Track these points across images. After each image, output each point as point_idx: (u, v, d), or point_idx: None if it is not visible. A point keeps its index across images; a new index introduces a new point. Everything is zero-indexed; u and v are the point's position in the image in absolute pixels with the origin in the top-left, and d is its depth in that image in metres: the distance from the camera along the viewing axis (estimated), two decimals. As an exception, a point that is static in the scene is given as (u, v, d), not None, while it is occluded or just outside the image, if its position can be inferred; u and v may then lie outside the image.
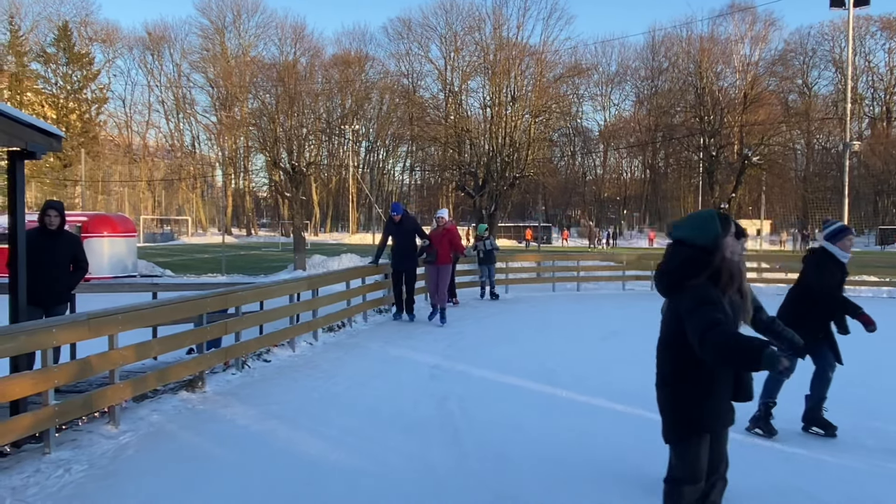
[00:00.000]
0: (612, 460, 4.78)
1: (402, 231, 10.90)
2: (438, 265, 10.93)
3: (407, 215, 11.14)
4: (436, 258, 10.88)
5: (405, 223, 10.95)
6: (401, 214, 10.92)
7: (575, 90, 62.14)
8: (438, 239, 11.03)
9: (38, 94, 58.55)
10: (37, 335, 4.55)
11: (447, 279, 11.11)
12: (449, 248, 11.06)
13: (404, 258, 10.92)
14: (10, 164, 5.19)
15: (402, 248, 10.91)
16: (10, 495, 4.00)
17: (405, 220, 10.98)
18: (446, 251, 10.99)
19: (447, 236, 11.09)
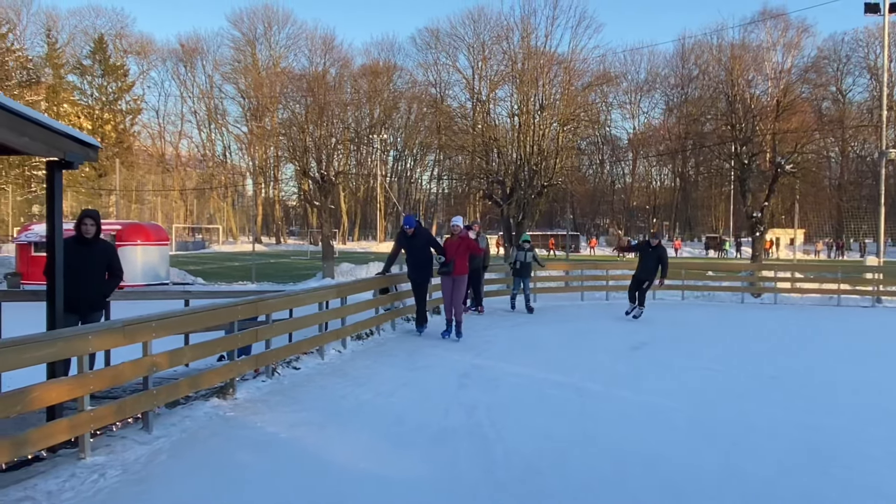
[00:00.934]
0: (644, 471, 4.72)
1: (415, 244, 10.42)
2: (454, 276, 10.33)
3: (420, 228, 10.62)
4: (452, 269, 10.27)
5: (418, 237, 10.45)
6: (414, 227, 10.40)
7: (604, 98, 62.02)
8: (454, 248, 10.39)
9: (75, 105, 59.95)
10: (73, 342, 4.64)
11: (462, 291, 10.55)
12: (466, 257, 10.51)
13: (419, 269, 10.52)
14: (49, 173, 5.32)
15: (416, 260, 10.49)
16: (45, 499, 4.07)
17: (418, 234, 10.47)
18: (463, 261, 10.40)
19: (463, 245, 10.45)
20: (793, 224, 54.91)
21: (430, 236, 10.74)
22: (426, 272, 10.57)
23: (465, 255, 10.44)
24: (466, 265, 10.50)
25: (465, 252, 10.43)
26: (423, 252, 10.37)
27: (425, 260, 10.41)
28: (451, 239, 10.55)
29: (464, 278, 10.52)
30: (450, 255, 10.28)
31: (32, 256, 23.22)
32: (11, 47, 53.58)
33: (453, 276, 10.28)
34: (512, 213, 24.36)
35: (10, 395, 4.22)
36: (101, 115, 61.00)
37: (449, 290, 10.33)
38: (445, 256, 10.27)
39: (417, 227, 10.52)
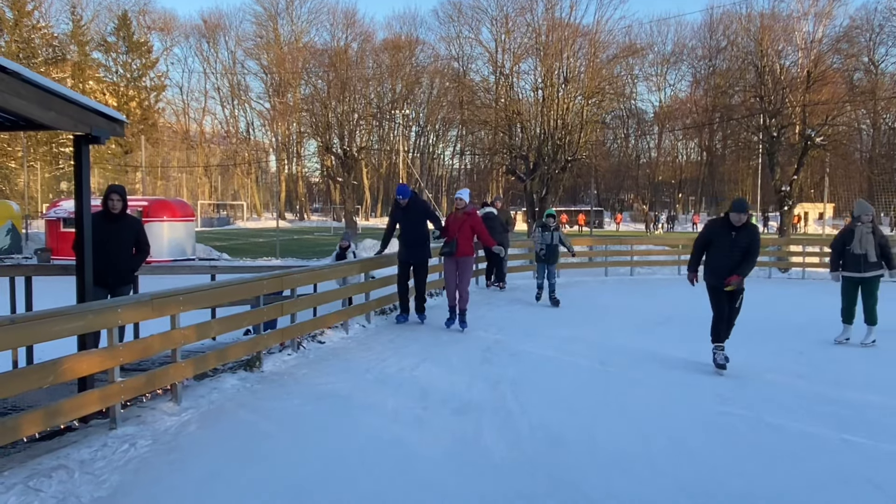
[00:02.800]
0: (670, 446, 4.69)
1: (410, 216, 9.13)
2: (458, 258, 8.97)
3: (416, 198, 9.32)
4: (455, 249, 8.92)
5: (413, 207, 9.16)
6: (408, 198, 9.12)
7: (629, 71, 60.90)
8: (457, 225, 8.97)
9: (100, 82, 60.38)
10: (103, 314, 4.70)
11: (468, 275, 9.10)
12: (471, 236, 9.05)
13: (413, 247, 9.13)
14: (76, 148, 5.36)
15: (410, 237, 9.12)
16: (78, 468, 4.16)
17: (413, 204, 9.18)
18: (468, 241, 9.01)
19: (469, 222, 9.00)
20: (822, 198, 54.01)
21: (427, 208, 9.39)
22: (422, 252, 9.21)
23: (470, 234, 9.02)
24: (471, 245, 9.11)
25: (470, 231, 9.01)
26: (418, 228, 9.11)
27: (421, 237, 9.12)
28: (455, 215, 9.15)
29: (469, 260, 9.11)
30: (451, 233, 8.93)
31: (61, 232, 23.60)
32: (37, 25, 53.95)
33: (456, 257, 8.97)
34: (535, 189, 24.23)
35: (43, 367, 4.30)
36: (126, 92, 61.37)
37: (452, 273, 9.02)
38: (443, 232, 9.09)
39: (413, 198, 9.22)
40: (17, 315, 5.72)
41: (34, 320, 4.26)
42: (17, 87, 4.47)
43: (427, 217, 9.22)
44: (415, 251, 9.11)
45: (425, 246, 9.19)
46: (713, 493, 3.94)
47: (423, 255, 9.22)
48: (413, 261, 9.19)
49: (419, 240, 9.08)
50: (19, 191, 45.78)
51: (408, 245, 9.13)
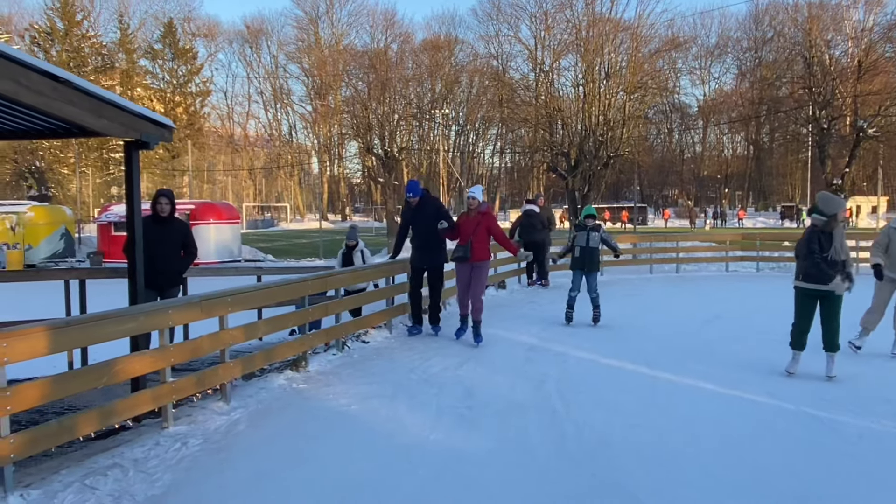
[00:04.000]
0: (720, 446, 4.60)
1: (421, 217, 8.27)
2: (473, 262, 8.02)
3: (428, 196, 8.46)
4: (469, 253, 7.96)
5: (425, 207, 8.29)
6: (419, 196, 8.29)
7: (672, 65, 59.96)
8: (471, 227, 8.01)
9: (147, 89, 61.86)
10: (155, 316, 4.82)
11: (483, 282, 8.22)
12: (487, 239, 8.15)
13: (426, 251, 8.31)
14: (126, 154, 5.50)
15: (423, 239, 8.30)
16: (132, 466, 4.27)
17: (425, 203, 8.31)
18: (483, 244, 8.10)
19: (484, 223, 8.06)
20: (875, 191, 52.29)
21: (439, 207, 8.47)
22: (437, 256, 8.37)
23: (486, 236, 8.11)
24: (488, 250, 8.29)
25: (485, 233, 8.09)
26: (432, 229, 8.14)
27: (435, 240, 8.23)
28: (467, 215, 8.17)
29: (485, 266, 8.21)
30: (465, 236, 8.02)
31: (113, 236, 24.29)
32: (87, 34, 55.53)
33: (471, 262, 8.04)
34: (577, 186, 23.98)
35: (98, 367, 4.43)
36: (173, 97, 62.77)
37: (465, 280, 8.12)
38: (453, 233, 8.13)
39: (424, 196, 8.37)
40: (72, 317, 5.90)
41: (89, 322, 4.39)
42: (70, 95, 4.60)
43: (438, 217, 8.22)
44: (428, 255, 8.30)
45: (440, 249, 8.35)
46: (766, 494, 3.85)
47: (438, 260, 8.40)
48: (427, 266, 8.37)
49: (433, 242, 8.24)
50: (72, 196, 47.26)
51: (420, 248, 8.33)
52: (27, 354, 3.89)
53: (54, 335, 4.02)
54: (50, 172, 50.08)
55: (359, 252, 10.17)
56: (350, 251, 10.20)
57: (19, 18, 60.93)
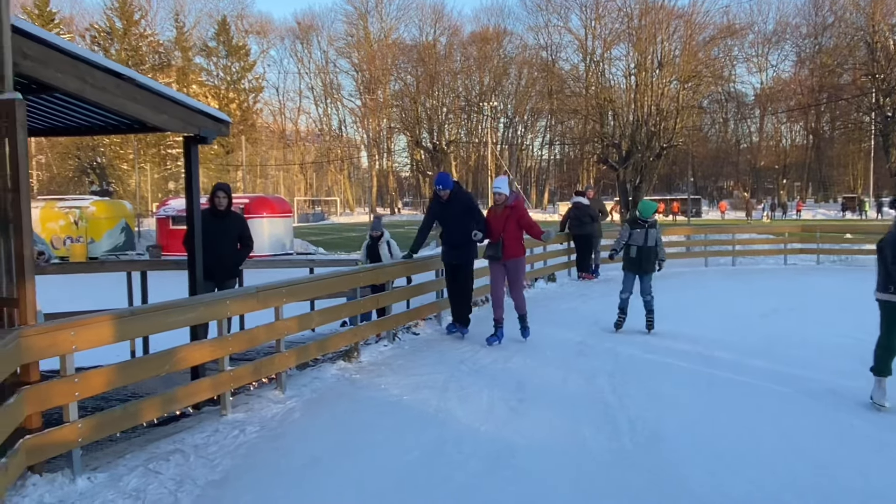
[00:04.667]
0: (781, 443, 4.49)
1: (451, 213, 7.68)
2: (505, 261, 7.55)
3: (459, 191, 7.80)
4: (500, 252, 7.47)
5: (455, 202, 7.64)
6: (450, 189, 7.63)
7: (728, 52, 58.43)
8: (500, 223, 7.50)
9: (202, 86, 63.34)
10: (214, 306, 4.95)
11: (521, 278, 7.78)
12: (519, 234, 7.60)
13: (455, 248, 7.75)
14: (185, 148, 5.65)
15: (450, 236, 7.78)
16: (193, 452, 4.40)
17: (455, 198, 7.65)
18: (515, 240, 7.55)
19: (513, 217, 7.52)
20: (944, 181, 50.03)
21: (470, 202, 7.86)
22: (466, 253, 7.77)
23: (517, 231, 7.56)
24: (522, 245, 7.72)
25: (516, 227, 7.53)
26: (461, 224, 7.56)
27: (467, 236, 7.56)
28: (495, 210, 7.68)
29: (519, 262, 7.71)
30: (495, 233, 7.53)
31: (170, 229, 24.98)
32: (144, 33, 57.16)
33: (503, 260, 7.56)
34: (629, 178, 23.67)
35: (160, 356, 4.57)
36: (227, 94, 64.13)
37: (500, 280, 7.68)
38: (485, 233, 7.57)
39: (455, 190, 7.73)
40: (136, 307, 6.10)
41: (152, 312, 4.53)
42: (132, 92, 4.75)
43: (470, 214, 7.63)
44: (457, 252, 7.75)
45: (468, 247, 7.71)
46: (829, 492, 3.74)
47: (466, 256, 7.78)
48: (454, 262, 7.83)
49: (462, 240, 7.59)
50: (131, 191, 48.77)
51: (449, 244, 7.84)
52: (94, 342, 4.04)
53: (119, 324, 4.16)
54: (110, 168, 51.83)
55: (384, 243, 9.68)
56: (375, 242, 9.77)
57: (80, 18, 63.15)
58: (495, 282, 7.72)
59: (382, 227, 9.93)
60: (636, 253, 8.09)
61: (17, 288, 3.80)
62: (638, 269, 8.13)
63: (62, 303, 6.41)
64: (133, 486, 3.88)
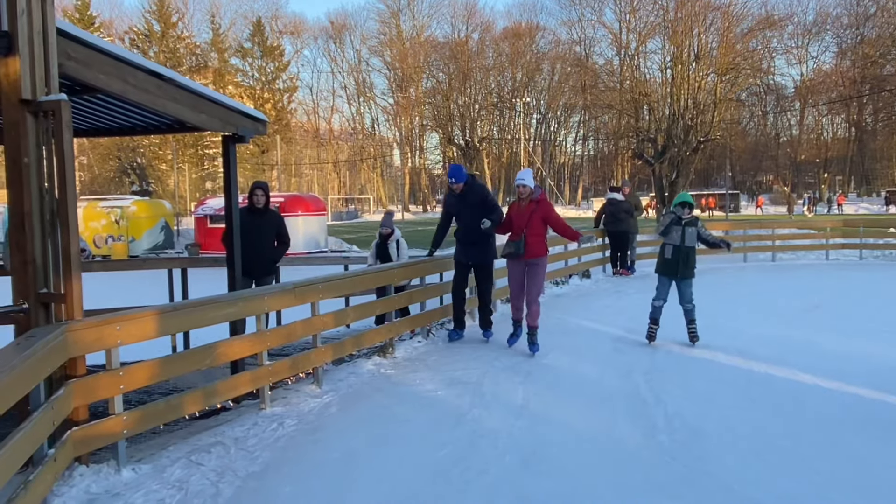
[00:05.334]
0: (821, 439, 4.41)
1: (466, 206, 7.21)
2: (527, 259, 6.95)
3: (474, 183, 7.35)
4: (522, 249, 6.87)
5: (470, 195, 7.21)
6: (463, 182, 7.20)
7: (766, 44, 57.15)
8: (524, 219, 6.91)
9: (238, 86, 64.27)
10: (252, 302, 5.04)
11: (541, 281, 7.03)
12: (543, 231, 7.03)
13: (471, 246, 7.27)
14: (224, 147, 5.75)
15: (467, 233, 7.24)
16: (233, 444, 4.49)
17: (470, 191, 7.22)
18: (539, 238, 6.94)
19: (539, 213, 6.91)
20: None
21: (485, 196, 7.34)
22: (484, 251, 7.33)
23: (542, 228, 6.98)
24: (545, 244, 7.08)
25: (541, 224, 6.95)
26: (476, 218, 7.05)
27: (483, 233, 7.08)
28: (518, 204, 7.06)
29: (541, 263, 7.03)
30: (517, 229, 6.97)
31: (209, 228, 25.41)
32: (181, 35, 58.27)
33: (524, 259, 6.95)
34: (665, 173, 23.36)
35: (202, 350, 4.67)
36: (262, 94, 64.97)
37: (518, 280, 7.08)
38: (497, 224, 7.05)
39: (469, 183, 7.27)
40: (178, 302, 6.23)
41: (193, 307, 4.63)
42: (173, 92, 4.86)
43: (485, 207, 7.16)
44: (474, 250, 7.28)
45: (489, 243, 7.31)
46: (873, 489, 3.66)
47: (487, 256, 7.36)
48: (473, 262, 7.40)
49: (479, 236, 7.12)
50: (170, 191, 49.73)
51: (465, 243, 7.31)
52: (138, 336, 4.14)
53: (162, 319, 4.26)
54: (150, 168, 52.90)
55: (394, 242, 8.86)
56: (385, 241, 8.90)
57: (119, 21, 64.53)
58: (514, 281, 7.13)
59: (393, 225, 9.09)
60: (672, 254, 7.05)
61: (63, 283, 3.92)
62: (674, 273, 7.09)
63: (105, 299, 6.57)
64: (176, 476, 3.97)
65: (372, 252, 9.15)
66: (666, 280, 7.20)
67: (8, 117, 3.83)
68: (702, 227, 7.18)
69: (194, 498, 3.70)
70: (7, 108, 3.81)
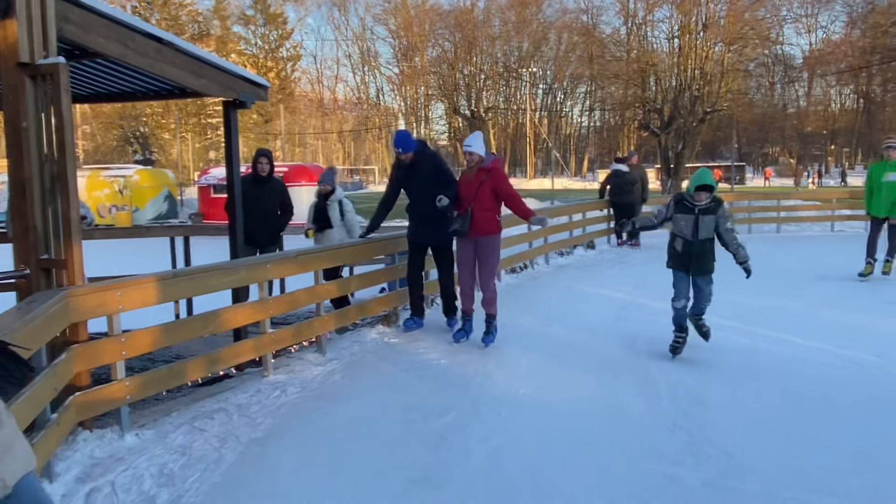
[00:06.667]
0: (824, 409, 4.41)
1: (416, 179, 6.18)
2: (476, 238, 5.98)
3: (425, 151, 6.29)
4: (467, 225, 5.90)
5: (421, 165, 6.14)
6: (412, 151, 6.13)
7: (775, 13, 56.27)
8: (471, 190, 5.94)
9: (241, 55, 63.68)
10: (254, 269, 5.02)
11: (492, 263, 6.07)
12: (493, 204, 5.97)
13: (427, 224, 6.25)
14: (225, 113, 5.70)
15: (420, 209, 6.22)
16: (236, 411, 4.51)
17: (421, 160, 6.16)
18: (488, 212, 5.94)
19: (488, 183, 5.91)
20: None
21: (439, 166, 6.31)
22: (440, 229, 6.14)
23: (492, 201, 5.96)
24: (496, 220, 6.03)
25: (491, 196, 5.93)
26: (431, 193, 5.96)
27: (435, 208, 5.94)
28: (467, 175, 6.09)
29: (492, 242, 6.05)
30: (464, 201, 5.97)
31: (212, 198, 25.39)
32: (183, 2, 57.59)
33: (472, 237, 5.99)
34: (670, 144, 23.14)
35: (204, 317, 4.67)
36: (265, 63, 64.42)
37: (467, 262, 6.12)
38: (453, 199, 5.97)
39: (420, 151, 6.22)
40: (180, 269, 6.22)
41: (195, 274, 4.62)
42: (172, 57, 4.79)
43: (439, 178, 6.14)
44: (430, 229, 6.25)
45: (445, 221, 6.06)
46: (884, 459, 3.66)
47: (442, 235, 6.23)
48: (430, 243, 6.44)
49: (437, 213, 5.99)
50: (173, 160, 49.66)
51: (419, 220, 6.33)
52: (140, 303, 4.13)
53: (164, 285, 4.25)
54: (153, 137, 52.72)
55: (335, 202, 7.42)
56: (324, 201, 7.43)
57: (122, -11, 63.62)
58: (462, 264, 6.16)
59: (335, 182, 7.63)
60: (683, 248, 5.61)
61: (64, 249, 3.90)
62: (686, 268, 5.70)
63: (107, 268, 6.56)
64: (179, 442, 3.99)
65: (309, 214, 7.62)
66: (682, 276, 5.74)
67: (6, 81, 3.78)
68: (723, 217, 5.53)
69: (197, 462, 3.71)
70: (5, 71, 3.76)
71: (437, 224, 6.11)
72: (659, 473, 3.54)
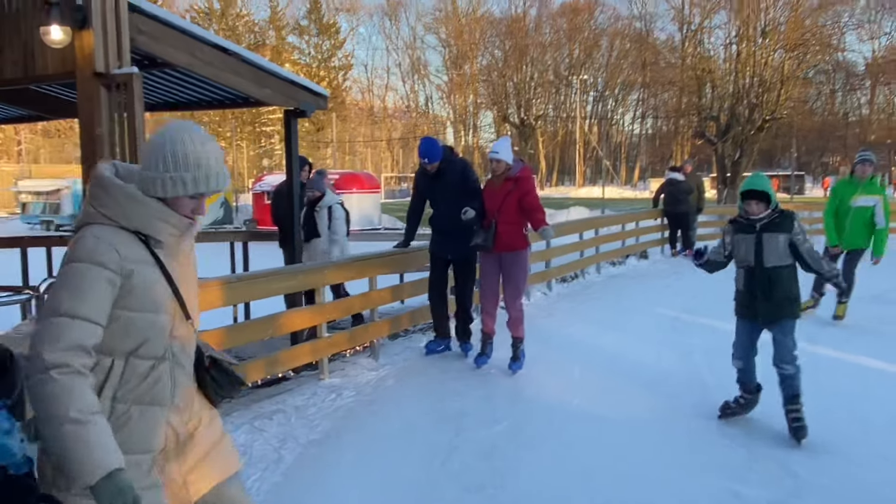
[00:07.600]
0: (890, 426, 4.26)
1: (441, 188, 5.74)
2: (500, 253, 5.55)
3: (451, 159, 5.80)
4: (490, 240, 5.47)
5: (447, 175, 5.70)
6: (438, 161, 5.68)
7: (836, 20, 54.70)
8: (496, 201, 5.51)
9: (295, 64, 64.89)
10: (313, 274, 5.12)
11: (519, 281, 5.65)
12: (519, 217, 5.51)
13: (449, 236, 5.76)
14: (286, 121, 5.84)
15: (444, 220, 5.75)
16: (294, 413, 4.60)
17: (448, 170, 5.70)
18: (514, 225, 5.50)
19: (515, 193, 5.49)
20: None
21: (467, 175, 5.81)
22: (464, 243, 5.62)
23: (519, 214, 5.48)
24: (520, 231, 5.55)
25: (517, 209, 5.47)
26: (456, 205, 5.52)
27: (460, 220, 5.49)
28: (493, 183, 5.64)
29: (519, 257, 5.61)
30: (489, 214, 5.54)
31: (266, 204, 25.87)
32: (240, 13, 59.14)
33: (495, 252, 5.54)
34: (727, 152, 22.64)
35: (264, 321, 4.79)
36: (318, 72, 65.51)
37: (491, 279, 5.72)
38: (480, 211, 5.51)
39: (447, 158, 5.76)
40: (241, 274, 6.39)
41: (256, 278, 4.73)
42: (237, 67, 4.94)
43: (465, 189, 5.69)
44: (453, 242, 5.75)
45: (470, 234, 5.60)
46: None
47: (466, 249, 5.69)
48: (453, 256, 5.90)
49: (463, 225, 5.52)
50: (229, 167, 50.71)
51: (442, 232, 5.84)
52: (204, 305, 4.23)
53: (228, 289, 4.38)
54: (210, 145, 53.98)
55: (323, 209, 6.74)
56: (311, 207, 6.77)
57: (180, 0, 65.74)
58: (486, 281, 5.75)
59: (325, 187, 6.91)
60: (745, 282, 4.33)
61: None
62: (754, 313, 4.31)
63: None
64: (240, 442, 4.08)
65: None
66: (745, 326, 4.44)
67: (82, 90, 3.96)
68: (800, 235, 4.11)
69: (258, 462, 3.80)
70: (82, 81, 3.94)
71: (461, 236, 5.62)
72: (724, 489, 3.47)
